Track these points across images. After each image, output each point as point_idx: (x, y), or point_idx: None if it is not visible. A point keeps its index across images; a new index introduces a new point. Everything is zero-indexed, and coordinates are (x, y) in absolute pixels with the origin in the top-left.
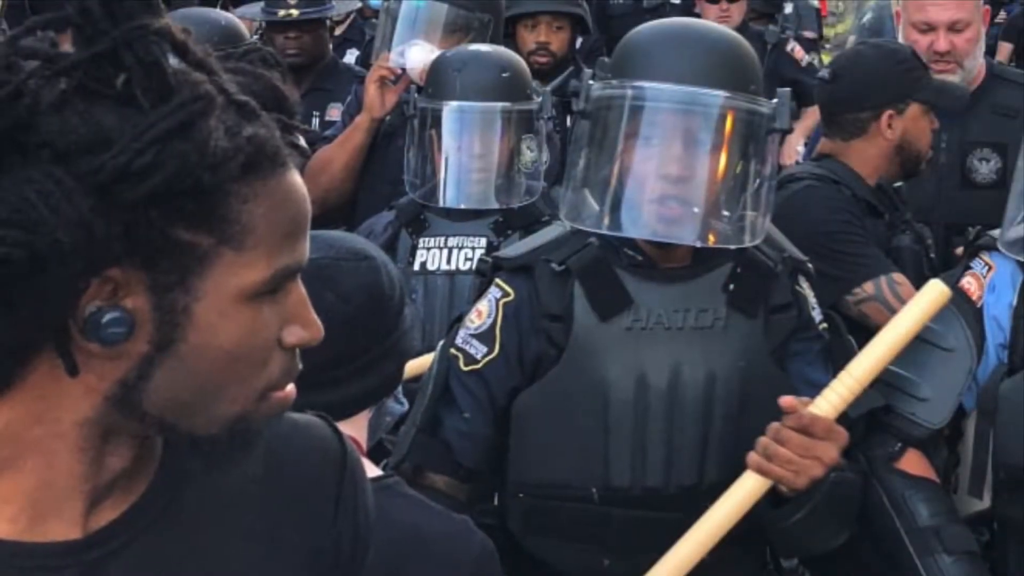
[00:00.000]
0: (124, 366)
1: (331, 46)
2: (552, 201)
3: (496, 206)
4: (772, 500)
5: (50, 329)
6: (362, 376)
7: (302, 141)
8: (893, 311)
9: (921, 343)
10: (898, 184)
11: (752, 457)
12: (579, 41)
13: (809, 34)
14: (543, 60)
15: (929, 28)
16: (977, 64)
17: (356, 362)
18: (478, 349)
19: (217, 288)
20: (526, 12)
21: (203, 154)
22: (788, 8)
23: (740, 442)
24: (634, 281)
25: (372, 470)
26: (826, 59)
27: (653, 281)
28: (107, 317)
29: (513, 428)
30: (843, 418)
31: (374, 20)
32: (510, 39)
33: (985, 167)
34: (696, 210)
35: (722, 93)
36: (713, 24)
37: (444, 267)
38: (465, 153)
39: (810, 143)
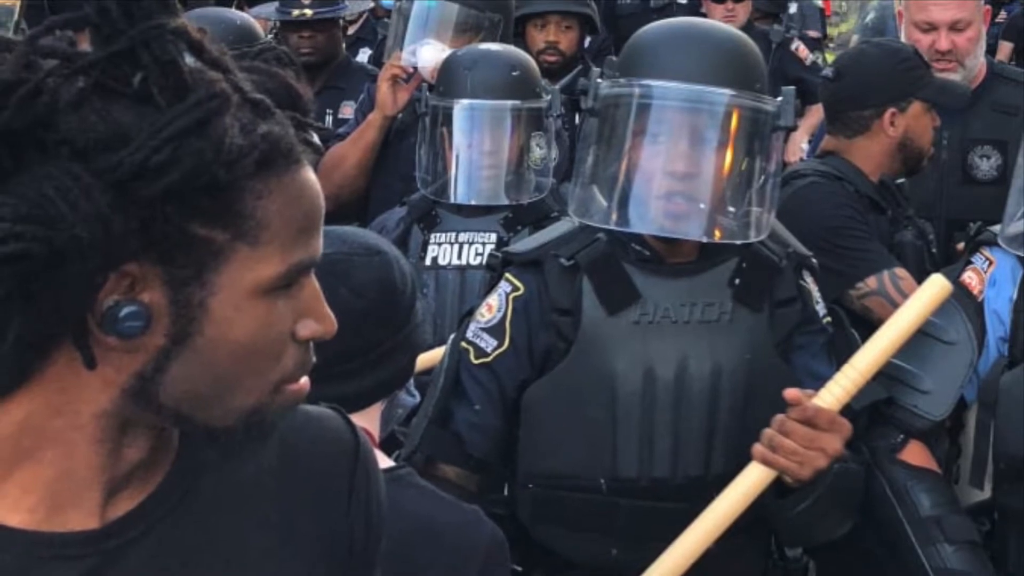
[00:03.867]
0: (141, 359)
1: (344, 45)
2: (561, 197)
3: (506, 202)
4: (777, 491)
5: (69, 323)
6: (375, 369)
7: (316, 138)
8: (895, 305)
9: (923, 336)
10: (900, 180)
11: (757, 448)
12: (587, 40)
13: (813, 33)
14: (552, 59)
15: (931, 27)
16: (978, 63)
17: (369, 355)
18: (488, 342)
19: (232, 282)
20: (535, 12)
21: (219, 151)
22: (792, 8)
23: (745, 434)
24: (641, 276)
25: (384, 461)
26: (830, 58)
27: (660, 276)
28: (124, 311)
29: (523, 420)
30: (846, 410)
31: (386, 20)
32: (520, 38)
33: (986, 164)
34: (702, 206)
35: (727, 91)
36: (719, 24)
37: (455, 262)
38: (476, 150)
39: (814, 140)
